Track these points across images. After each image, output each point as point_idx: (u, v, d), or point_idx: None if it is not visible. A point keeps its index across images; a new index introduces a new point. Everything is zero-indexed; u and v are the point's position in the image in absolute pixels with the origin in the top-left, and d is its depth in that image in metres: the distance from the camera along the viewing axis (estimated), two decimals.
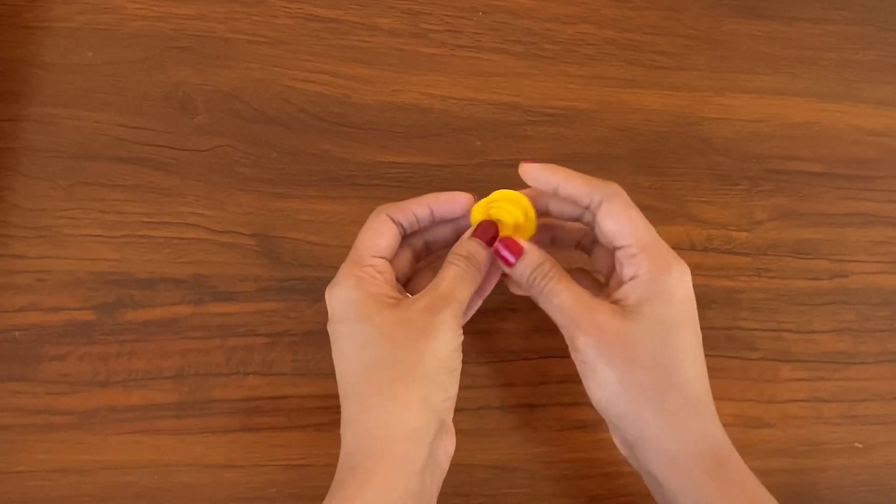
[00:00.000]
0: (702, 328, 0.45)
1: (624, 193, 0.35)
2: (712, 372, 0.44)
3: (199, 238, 0.42)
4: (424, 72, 0.47)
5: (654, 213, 0.47)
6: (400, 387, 0.32)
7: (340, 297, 0.34)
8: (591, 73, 0.49)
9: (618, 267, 0.35)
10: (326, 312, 0.42)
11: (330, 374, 0.41)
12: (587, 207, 0.36)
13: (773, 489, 0.41)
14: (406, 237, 0.38)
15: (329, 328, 0.35)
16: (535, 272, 0.35)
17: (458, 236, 0.37)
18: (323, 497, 0.35)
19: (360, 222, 0.43)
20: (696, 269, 0.46)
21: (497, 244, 0.36)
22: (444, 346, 0.33)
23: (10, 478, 0.37)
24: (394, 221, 0.36)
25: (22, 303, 0.40)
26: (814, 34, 0.53)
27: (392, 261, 0.37)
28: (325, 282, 0.42)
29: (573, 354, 0.35)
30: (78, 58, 0.43)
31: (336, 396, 0.41)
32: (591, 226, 0.38)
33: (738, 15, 0.53)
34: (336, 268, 0.42)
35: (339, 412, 0.41)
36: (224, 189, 0.43)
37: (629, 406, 0.33)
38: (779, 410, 0.45)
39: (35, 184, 0.41)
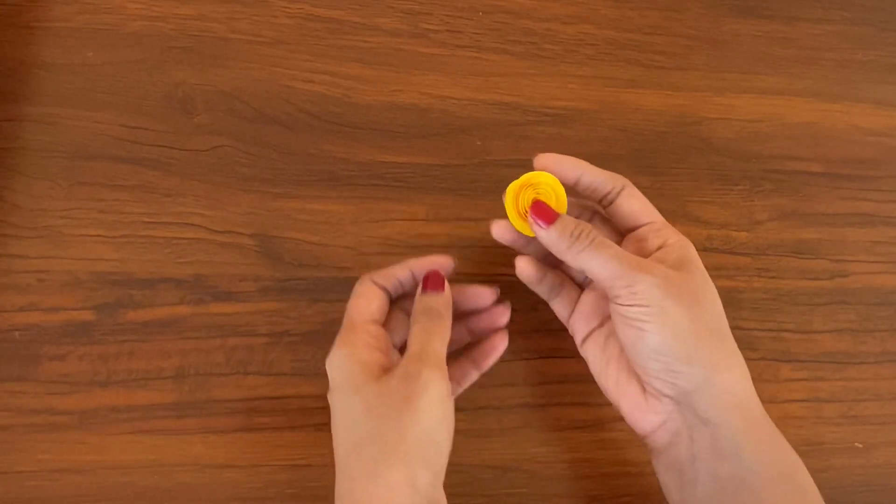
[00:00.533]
0: None
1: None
2: None
3: (199, 238, 0.42)
4: (424, 72, 0.47)
5: None
6: (383, 466, 0.31)
7: (335, 366, 0.34)
8: (591, 73, 0.49)
9: (636, 246, 0.37)
10: (326, 312, 0.42)
11: None
12: (607, 194, 0.37)
13: None
14: (403, 302, 0.38)
15: (328, 397, 0.35)
16: (579, 227, 0.35)
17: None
18: (323, 497, 0.35)
19: (360, 222, 0.44)
20: None
21: (529, 212, 0.36)
22: (427, 416, 0.32)
23: (10, 478, 0.37)
24: (379, 286, 0.37)
25: (22, 303, 0.40)
26: (814, 34, 0.53)
27: (390, 326, 0.37)
28: (325, 282, 0.42)
29: (627, 304, 0.34)
30: (78, 58, 0.43)
31: None
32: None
33: (738, 15, 0.53)
34: (336, 268, 0.43)
35: None
36: (224, 189, 0.43)
37: (699, 344, 0.34)
38: (779, 410, 0.45)
39: (35, 184, 0.41)
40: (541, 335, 0.43)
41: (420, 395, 0.32)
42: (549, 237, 0.36)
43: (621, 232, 0.39)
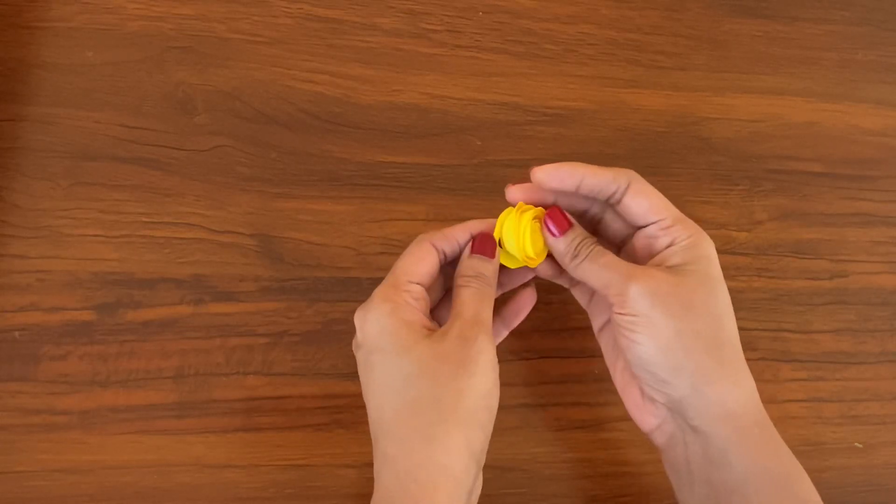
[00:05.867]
0: None
1: (643, 179, 0.37)
2: None
3: (199, 238, 0.42)
4: (424, 72, 0.47)
5: None
6: (441, 429, 0.31)
7: (375, 324, 0.33)
8: (591, 73, 0.49)
9: (645, 242, 0.36)
10: (326, 312, 0.42)
11: (329, 375, 0.41)
12: (613, 194, 0.36)
13: None
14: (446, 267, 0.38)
15: (359, 354, 0.34)
16: (585, 241, 0.35)
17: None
18: (323, 497, 0.35)
19: (360, 222, 0.44)
20: None
21: (546, 218, 0.36)
22: (483, 381, 0.32)
23: (10, 478, 0.37)
24: (436, 248, 0.36)
25: (22, 303, 0.40)
26: (814, 34, 0.53)
27: (429, 290, 0.36)
28: (324, 282, 0.42)
29: (618, 311, 0.34)
30: (78, 58, 0.43)
31: (336, 396, 0.41)
32: (597, 218, 0.39)
33: (738, 15, 0.53)
34: (336, 268, 0.43)
35: (338, 412, 0.41)
36: (224, 189, 0.43)
37: (688, 356, 0.33)
38: (779, 410, 0.45)
39: (35, 184, 0.41)
40: (541, 335, 0.44)
41: (476, 359, 0.32)
42: (557, 246, 0.36)
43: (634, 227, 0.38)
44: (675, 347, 0.33)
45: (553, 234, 0.36)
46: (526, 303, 0.39)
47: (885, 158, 0.51)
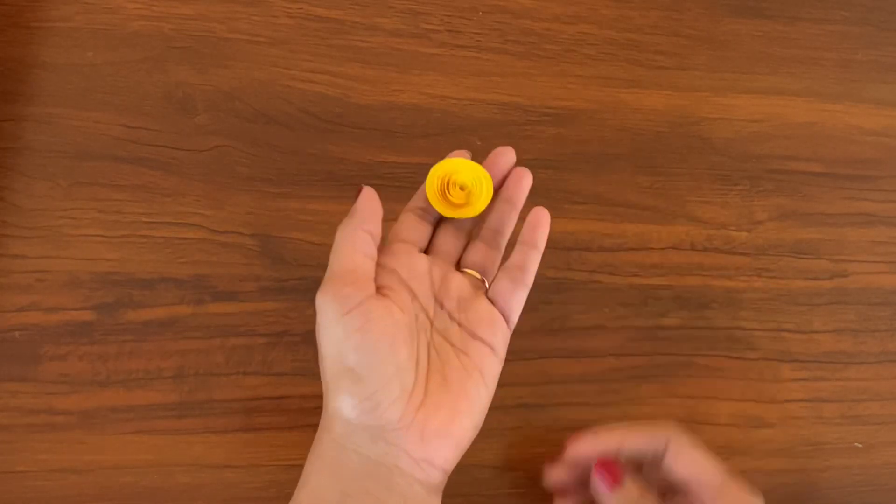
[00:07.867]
0: (701, 328, 0.45)
1: (684, 434, 0.36)
2: (712, 372, 0.44)
3: (199, 238, 0.42)
4: (424, 72, 0.47)
5: (654, 213, 0.47)
6: (324, 402, 0.32)
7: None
8: (591, 73, 0.49)
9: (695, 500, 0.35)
10: None
11: None
12: (654, 453, 0.36)
13: (773, 489, 0.41)
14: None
15: None
16: (640, 501, 0.34)
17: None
18: None
19: None
20: (696, 269, 0.47)
21: (597, 468, 0.35)
22: (326, 344, 0.31)
23: (10, 478, 0.37)
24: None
25: (22, 303, 0.39)
26: (814, 34, 0.53)
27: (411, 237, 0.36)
28: None
29: None
30: (78, 58, 0.43)
31: None
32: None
33: (738, 15, 0.53)
34: None
35: None
36: (224, 189, 0.43)
37: None
38: (779, 410, 0.45)
39: (35, 184, 0.41)
40: (541, 335, 0.43)
41: (318, 326, 0.31)
42: (609, 502, 0.35)
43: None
44: None
45: (605, 489, 0.35)
46: (540, 217, 0.35)
47: (885, 158, 0.51)
